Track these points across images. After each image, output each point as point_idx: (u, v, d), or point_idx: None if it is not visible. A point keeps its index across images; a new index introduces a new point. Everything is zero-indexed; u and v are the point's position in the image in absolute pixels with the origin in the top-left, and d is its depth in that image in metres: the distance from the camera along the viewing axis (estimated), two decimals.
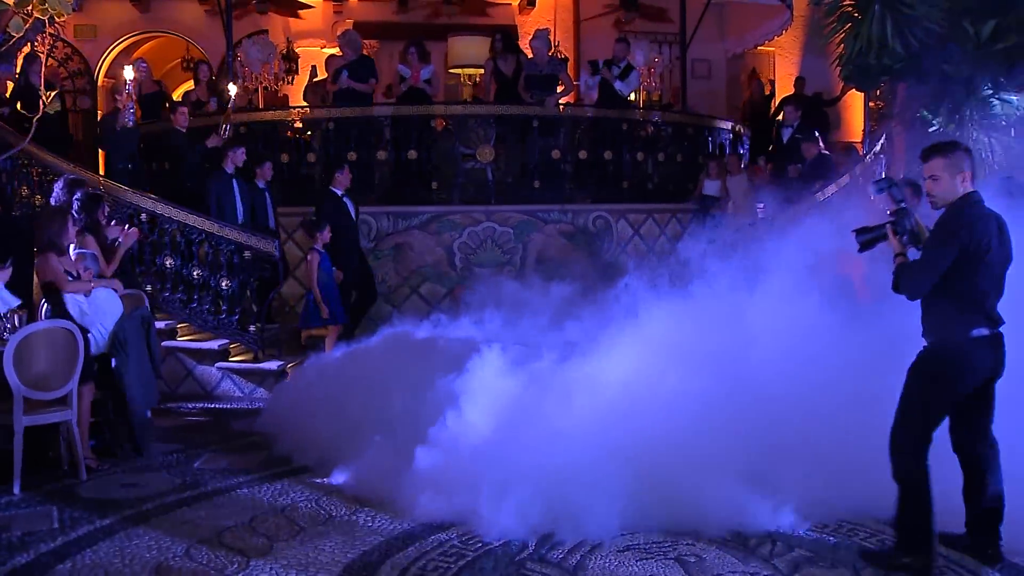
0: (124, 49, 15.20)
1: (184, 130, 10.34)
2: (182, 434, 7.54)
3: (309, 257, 9.09)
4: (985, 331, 4.30)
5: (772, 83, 16.41)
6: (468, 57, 12.47)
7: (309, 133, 10.99)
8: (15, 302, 6.50)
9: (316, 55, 14.57)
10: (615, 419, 5.24)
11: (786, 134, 11.97)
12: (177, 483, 6.15)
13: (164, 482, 6.18)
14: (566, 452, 5.08)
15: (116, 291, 7.01)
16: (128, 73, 9.85)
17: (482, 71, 12.46)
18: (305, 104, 11.84)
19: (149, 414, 7.31)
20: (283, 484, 6.04)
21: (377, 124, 10.82)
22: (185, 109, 10.55)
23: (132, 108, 9.80)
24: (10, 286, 6.56)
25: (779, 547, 4.77)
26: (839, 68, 10.79)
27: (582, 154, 11.21)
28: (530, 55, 11.33)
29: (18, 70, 11.24)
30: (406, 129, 10.78)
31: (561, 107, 11.24)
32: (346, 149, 10.61)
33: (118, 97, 9.94)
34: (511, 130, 11.02)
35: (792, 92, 14.61)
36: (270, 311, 9.56)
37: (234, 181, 9.47)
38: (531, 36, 11.41)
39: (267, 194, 9.81)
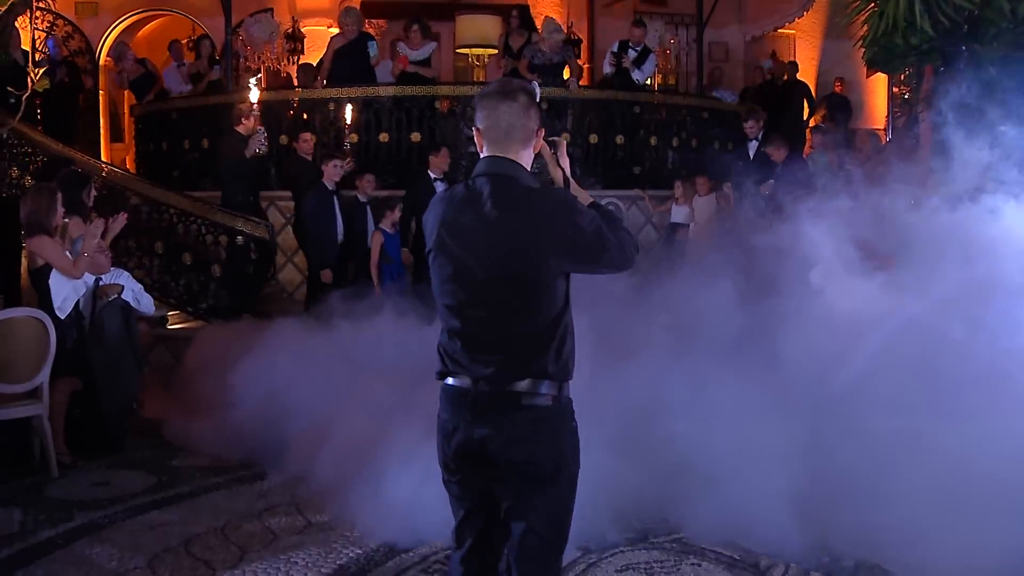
0: (127, 28, 14.83)
1: (309, 158, 9.21)
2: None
3: (372, 237, 8.58)
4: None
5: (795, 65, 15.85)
6: (477, 37, 12.00)
7: (305, 116, 10.53)
8: None
9: (323, 35, 14.15)
10: None
11: (752, 149, 10.31)
12: (151, 482, 5.80)
13: (138, 481, 5.83)
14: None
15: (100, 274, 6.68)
16: (254, 94, 8.82)
17: (491, 52, 12.04)
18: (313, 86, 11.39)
19: (135, 406, 7.00)
20: (263, 485, 5.67)
21: (379, 105, 10.39)
22: (309, 135, 9.37)
23: (263, 132, 8.76)
24: None
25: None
26: (862, 50, 10.35)
27: (592, 138, 10.76)
28: (544, 45, 10.82)
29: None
30: (409, 110, 10.35)
31: (569, 88, 10.76)
32: (347, 131, 10.20)
33: (245, 121, 8.76)
34: None
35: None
36: (268, 298, 9.21)
37: (334, 197, 8.57)
38: (544, 24, 10.92)
39: (367, 209, 8.83)
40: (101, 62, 14.61)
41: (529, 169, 2.86)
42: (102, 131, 14.55)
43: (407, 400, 5.65)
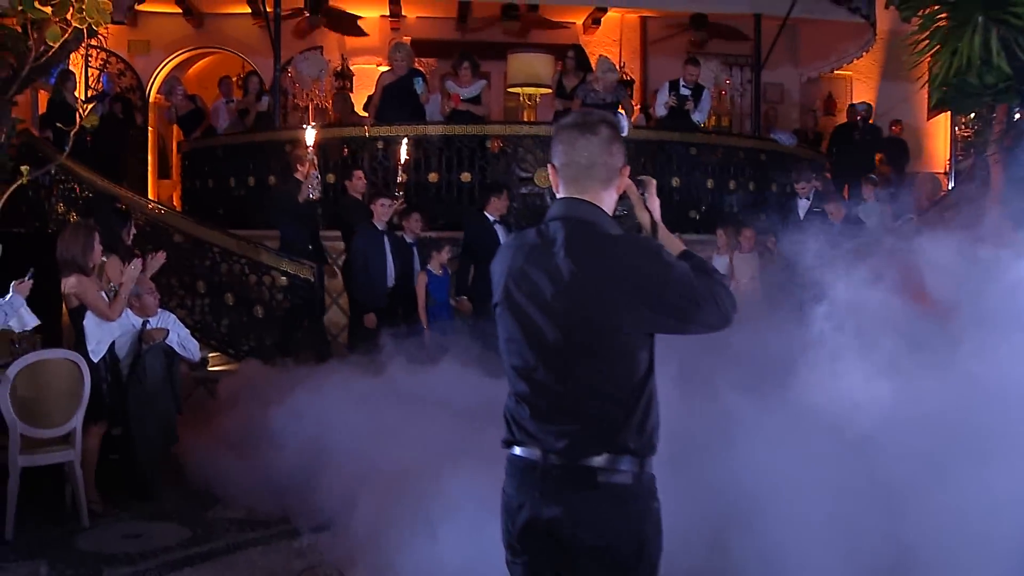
0: (177, 65, 14.85)
1: (361, 197, 8.82)
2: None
3: (418, 278, 8.26)
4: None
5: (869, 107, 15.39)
6: (529, 76, 11.77)
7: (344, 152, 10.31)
8: (33, 322, 5.88)
9: (372, 72, 14.03)
10: None
11: (802, 208, 9.57)
12: (185, 536, 5.51)
13: (171, 534, 5.54)
14: None
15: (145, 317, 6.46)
16: (310, 136, 8.36)
17: (544, 91, 11.80)
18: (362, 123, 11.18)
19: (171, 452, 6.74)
20: (301, 541, 5.34)
21: (428, 144, 10.17)
22: (360, 174, 9.05)
23: (318, 177, 8.36)
24: (34, 305, 5.96)
25: None
26: (925, 91, 9.92)
27: None
28: (597, 85, 10.57)
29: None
30: (459, 149, 10.12)
31: (625, 128, 10.44)
32: (398, 170, 9.97)
33: (300, 167, 8.41)
34: None
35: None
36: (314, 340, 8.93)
37: (385, 238, 8.18)
38: (598, 63, 10.68)
39: (414, 250, 8.50)
40: (151, 99, 14.62)
41: (612, 213, 2.54)
42: (150, 168, 14.52)
43: (458, 451, 5.33)
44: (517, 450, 2.49)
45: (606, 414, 2.39)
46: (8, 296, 5.33)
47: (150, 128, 14.66)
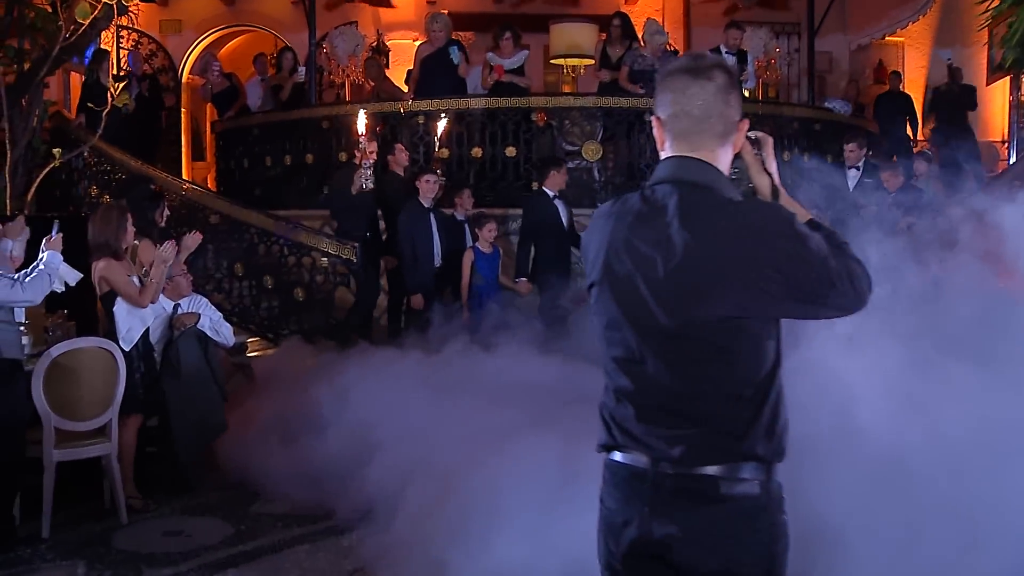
0: (210, 44, 14.54)
1: (403, 173, 8.49)
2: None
3: (464, 256, 7.88)
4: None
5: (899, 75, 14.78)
6: (571, 46, 11.34)
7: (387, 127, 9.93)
8: (75, 276, 5.58)
9: (408, 48, 13.67)
10: None
11: (852, 179, 9.06)
12: (229, 533, 5.23)
13: (214, 530, 5.26)
14: None
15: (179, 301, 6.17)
16: (361, 123, 7.79)
17: (587, 62, 11.37)
18: (396, 90, 10.80)
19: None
20: (349, 538, 5.02)
21: (471, 117, 9.79)
22: (403, 147, 8.69)
23: (370, 166, 7.76)
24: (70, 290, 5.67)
25: None
26: (995, 53, 9.38)
27: None
28: (643, 47, 10.17)
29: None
30: (503, 123, 9.72)
31: None
32: (438, 145, 9.63)
33: (357, 152, 7.88)
34: (619, 125, 9.87)
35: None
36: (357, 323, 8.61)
37: (431, 215, 7.87)
38: (645, 26, 10.21)
39: (466, 227, 8.12)
40: (184, 80, 14.34)
41: (728, 174, 2.15)
42: (184, 150, 14.25)
43: (505, 443, 5.00)
44: (618, 456, 2.12)
45: (730, 414, 2.01)
46: (43, 257, 4.99)
47: (183, 110, 14.38)
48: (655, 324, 2.03)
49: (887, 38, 15.35)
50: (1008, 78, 14.46)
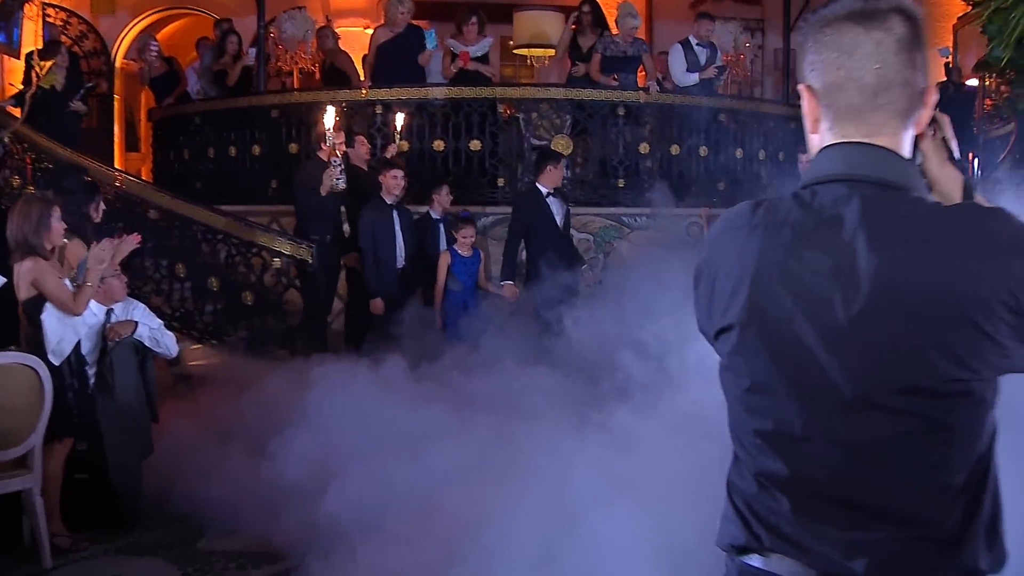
0: (147, 27, 13.60)
1: (364, 166, 7.98)
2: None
3: (440, 259, 7.34)
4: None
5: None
6: (537, 36, 10.75)
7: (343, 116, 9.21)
8: None
9: (358, 36, 12.93)
10: None
11: None
12: None
13: (157, 573, 4.52)
14: None
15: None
16: (329, 117, 7.20)
17: (552, 52, 10.77)
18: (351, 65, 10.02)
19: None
20: None
21: (433, 108, 9.12)
22: (364, 139, 8.15)
23: (340, 164, 7.19)
24: None
25: None
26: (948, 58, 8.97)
27: (674, 149, 9.45)
28: (615, 32, 9.61)
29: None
30: (468, 115, 9.06)
31: (650, 92, 9.40)
32: (397, 138, 8.95)
33: (325, 146, 7.28)
34: (591, 119, 9.28)
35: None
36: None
37: (394, 212, 7.35)
38: (619, 8, 9.63)
39: (441, 227, 7.60)
40: (117, 65, 13.39)
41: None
42: (116, 139, 13.33)
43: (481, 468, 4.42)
44: (760, 562, 1.49)
45: (939, 512, 1.39)
46: None
47: (116, 96, 13.45)
48: (831, 390, 1.39)
49: None
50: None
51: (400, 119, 8.48)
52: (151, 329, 5.47)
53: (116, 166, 11.93)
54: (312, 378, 5.94)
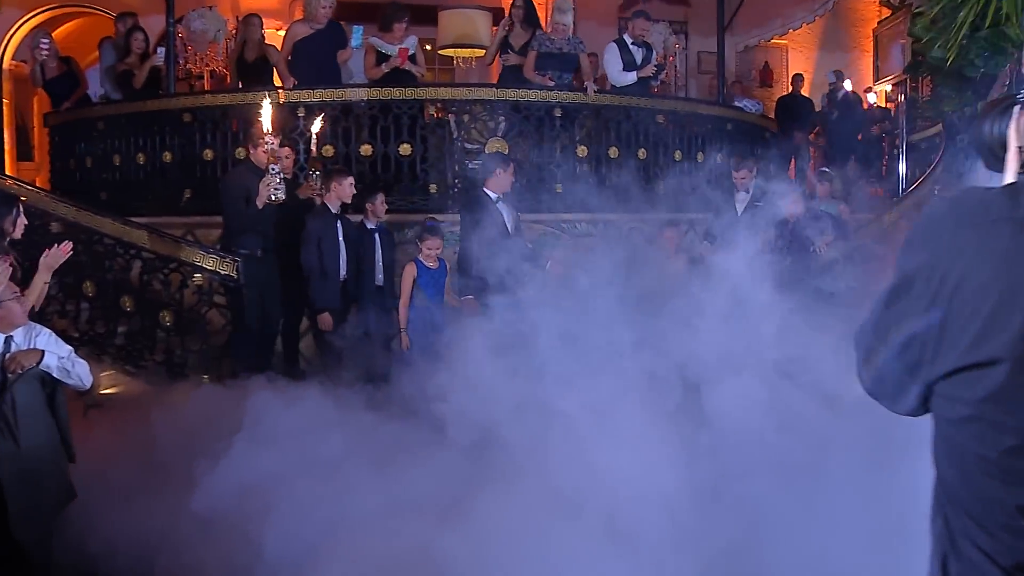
0: (39, 26, 12.63)
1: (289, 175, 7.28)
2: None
3: (404, 271, 6.85)
4: None
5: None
6: (464, 35, 10.26)
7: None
8: None
9: (270, 37, 12.26)
10: None
11: (741, 202, 7.99)
12: None
13: None
14: None
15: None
16: (266, 117, 6.38)
17: (480, 53, 10.31)
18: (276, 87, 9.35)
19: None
20: None
21: (359, 110, 8.58)
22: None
23: (278, 172, 6.32)
24: None
25: None
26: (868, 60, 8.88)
27: (613, 151, 9.08)
28: (548, 30, 9.22)
29: None
30: (397, 117, 8.53)
31: (588, 92, 9.00)
32: (321, 141, 8.39)
33: (261, 149, 6.49)
34: (527, 121, 8.84)
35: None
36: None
37: (339, 222, 6.83)
38: (555, 7, 9.21)
39: (377, 237, 7.04)
40: (5, 66, 12.42)
41: None
42: (7, 147, 12.35)
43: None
44: None
45: None
46: None
47: (5, 101, 12.48)
48: None
49: (772, 41, 15.03)
50: (892, 84, 14.36)
51: (318, 122, 7.84)
52: (60, 358, 4.78)
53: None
54: (241, 404, 5.44)
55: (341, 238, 6.71)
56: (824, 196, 9.36)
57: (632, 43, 9.48)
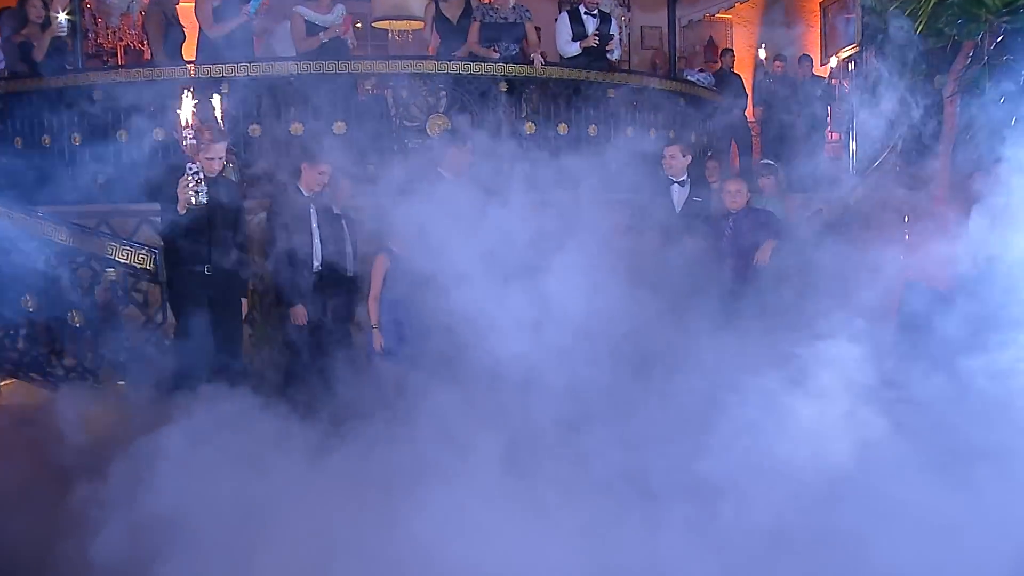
0: None
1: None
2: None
3: (377, 259, 6.26)
4: None
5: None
6: (399, 6, 9.62)
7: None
8: None
9: (185, 11, 11.46)
10: None
11: (678, 195, 7.24)
12: None
13: None
14: None
15: None
16: (187, 107, 5.45)
17: (417, 25, 9.69)
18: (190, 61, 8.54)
19: None
20: None
21: (288, 87, 7.90)
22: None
23: (198, 173, 5.41)
24: None
25: None
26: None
27: (562, 128, 8.53)
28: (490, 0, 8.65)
29: None
30: (329, 94, 7.86)
31: (535, 65, 8.42)
32: (247, 120, 7.71)
33: (191, 140, 5.48)
34: (470, 96, 8.24)
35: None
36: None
37: (311, 208, 6.29)
38: None
39: (344, 223, 6.51)
40: None
41: None
42: None
43: None
44: None
45: None
46: None
47: None
48: None
49: (715, 16, 14.66)
50: (838, 61, 14.01)
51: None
52: None
53: None
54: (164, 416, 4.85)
55: (315, 223, 6.23)
56: (770, 190, 8.58)
57: (586, 12, 8.95)
